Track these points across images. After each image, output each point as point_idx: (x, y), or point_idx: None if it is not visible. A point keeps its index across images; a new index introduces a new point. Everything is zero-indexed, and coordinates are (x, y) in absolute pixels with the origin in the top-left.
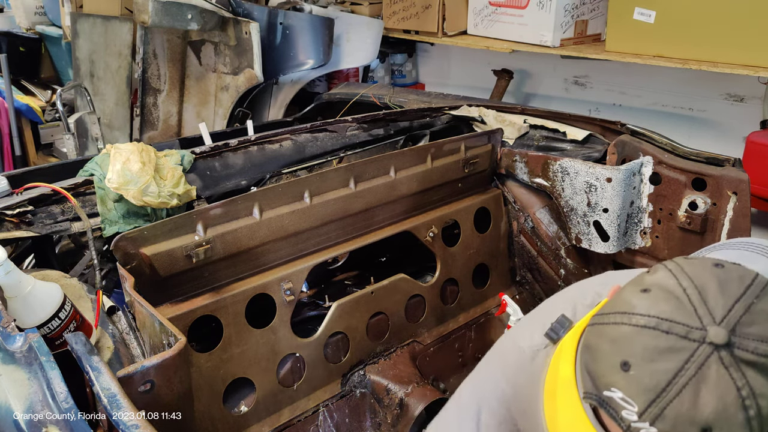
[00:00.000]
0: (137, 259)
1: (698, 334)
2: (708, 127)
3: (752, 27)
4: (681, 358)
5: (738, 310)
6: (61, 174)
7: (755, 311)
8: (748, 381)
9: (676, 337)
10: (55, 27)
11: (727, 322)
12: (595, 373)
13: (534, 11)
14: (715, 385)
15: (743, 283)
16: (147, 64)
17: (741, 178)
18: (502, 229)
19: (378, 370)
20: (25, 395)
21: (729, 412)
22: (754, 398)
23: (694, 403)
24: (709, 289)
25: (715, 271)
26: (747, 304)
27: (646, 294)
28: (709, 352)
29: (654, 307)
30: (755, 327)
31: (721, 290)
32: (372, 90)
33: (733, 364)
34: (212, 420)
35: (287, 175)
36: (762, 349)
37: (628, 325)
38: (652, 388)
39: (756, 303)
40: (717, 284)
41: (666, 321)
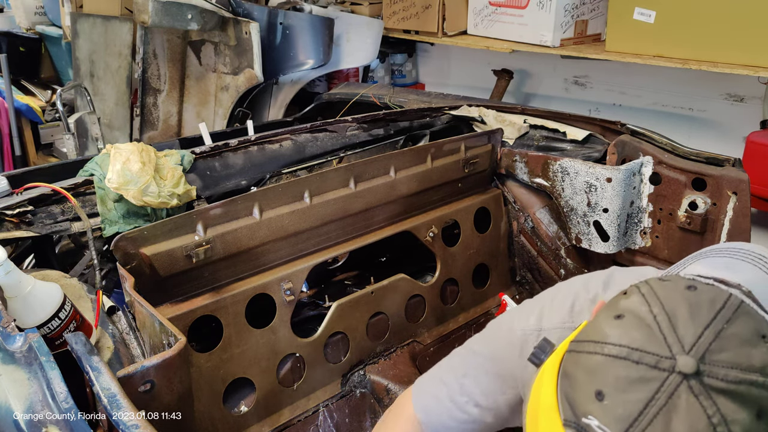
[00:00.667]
0: (137, 259)
1: (668, 363)
2: (708, 127)
3: (752, 27)
4: (651, 388)
5: (708, 336)
6: (61, 174)
7: (725, 337)
8: (719, 408)
9: (646, 367)
10: (55, 27)
11: (696, 350)
12: (573, 401)
13: (534, 11)
14: (686, 414)
15: (714, 307)
16: (147, 64)
17: (741, 178)
18: (502, 229)
19: (378, 370)
20: (25, 395)
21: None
22: (726, 425)
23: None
24: (680, 316)
25: (687, 294)
26: (717, 330)
27: (618, 321)
28: (678, 382)
29: (625, 336)
30: (725, 354)
31: (691, 316)
32: (372, 90)
33: (702, 392)
34: (212, 420)
35: (287, 175)
36: (732, 375)
37: (601, 355)
38: (625, 417)
39: (726, 328)
40: (687, 309)
41: (636, 351)
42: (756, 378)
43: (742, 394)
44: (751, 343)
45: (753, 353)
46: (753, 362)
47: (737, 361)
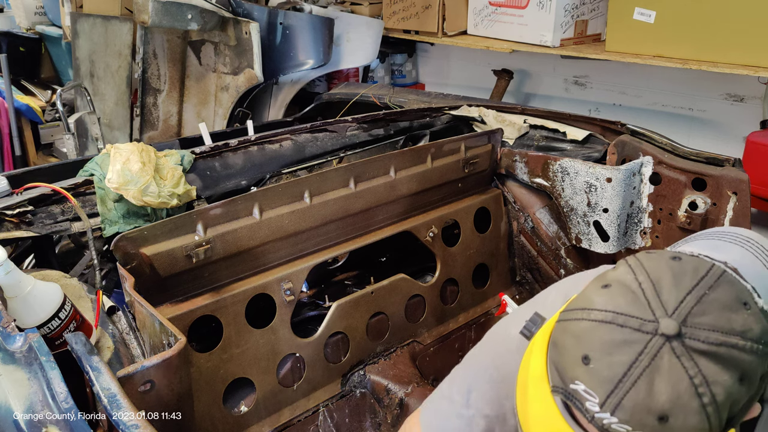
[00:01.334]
0: (137, 259)
1: (651, 326)
2: (708, 127)
3: (752, 27)
4: (635, 350)
5: (690, 301)
6: (61, 174)
7: (707, 301)
8: (701, 369)
9: (630, 330)
10: (55, 27)
11: (679, 313)
12: (561, 366)
13: (534, 11)
14: (668, 375)
15: (697, 274)
16: (147, 64)
17: (741, 178)
18: (502, 229)
19: (378, 370)
20: (25, 395)
21: (683, 399)
22: (707, 386)
23: (649, 392)
24: (664, 283)
25: (671, 264)
26: (699, 295)
27: (605, 290)
28: (661, 344)
29: (611, 303)
30: (706, 317)
31: (675, 283)
32: (372, 90)
33: (684, 353)
34: (212, 420)
35: (287, 175)
36: (713, 338)
37: (588, 321)
38: (609, 379)
39: (708, 293)
40: (671, 277)
41: (621, 315)
42: (736, 341)
43: (723, 356)
44: (732, 309)
45: (734, 317)
46: (734, 326)
47: (718, 324)
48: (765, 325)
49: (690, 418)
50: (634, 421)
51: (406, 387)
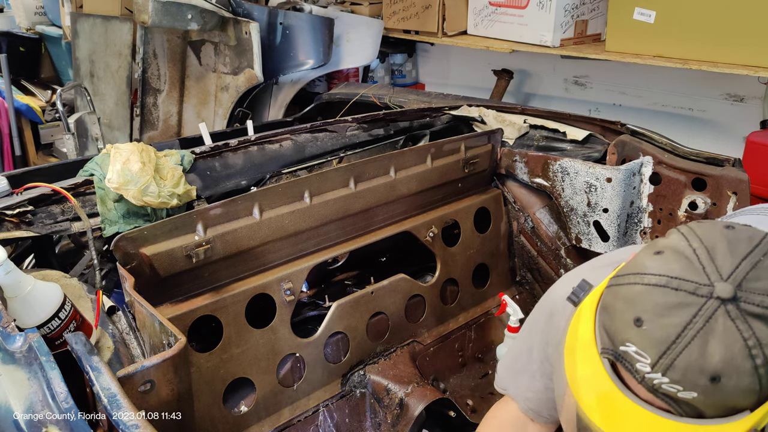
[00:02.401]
0: (137, 259)
1: (706, 290)
2: (708, 127)
3: (752, 27)
4: (690, 313)
5: (745, 266)
6: (61, 174)
7: (762, 267)
8: (755, 332)
9: (685, 293)
10: (55, 27)
11: (734, 278)
12: (611, 330)
13: (534, 11)
14: (722, 337)
15: (752, 242)
16: (147, 64)
17: (741, 178)
18: (502, 229)
19: (378, 370)
20: (25, 395)
21: (736, 361)
22: (760, 348)
23: (703, 353)
24: (718, 249)
25: (725, 232)
26: (754, 261)
27: (658, 256)
28: (716, 306)
29: (665, 267)
30: (762, 282)
31: (729, 249)
32: (372, 90)
33: (739, 316)
34: (212, 420)
35: (287, 175)
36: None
37: (641, 285)
38: (663, 341)
39: (763, 260)
40: (726, 244)
41: (676, 279)
42: None
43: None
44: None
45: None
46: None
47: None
48: None
49: (742, 379)
50: (685, 381)
51: (406, 387)
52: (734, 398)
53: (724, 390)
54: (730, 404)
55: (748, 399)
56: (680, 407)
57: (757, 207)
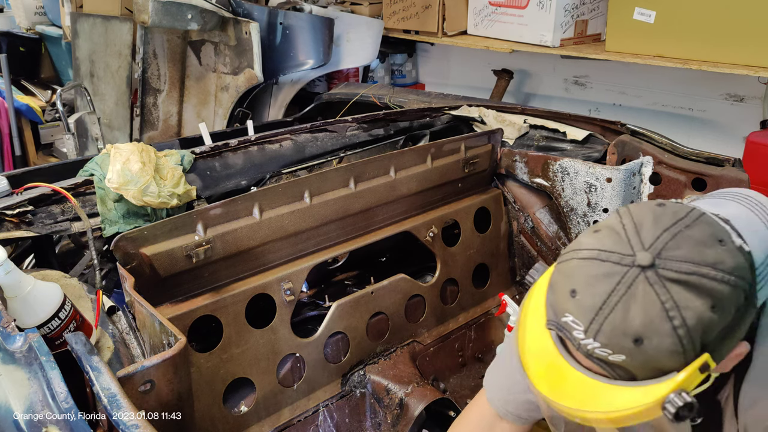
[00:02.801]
0: (137, 259)
1: (629, 259)
2: (708, 127)
3: (752, 27)
4: (614, 281)
5: (665, 237)
6: (61, 174)
7: (682, 237)
8: (672, 295)
9: (611, 263)
10: (55, 27)
11: (654, 247)
12: (553, 303)
13: (534, 11)
14: (642, 301)
15: (676, 216)
16: (147, 64)
17: (741, 178)
18: (502, 229)
19: (378, 370)
20: (25, 395)
21: (655, 323)
22: (678, 310)
23: (625, 317)
24: (645, 223)
25: (655, 208)
26: (675, 232)
27: (595, 233)
28: (636, 273)
29: (598, 242)
30: (680, 250)
31: (654, 223)
32: (372, 90)
33: (657, 281)
34: (212, 420)
35: (287, 175)
36: (685, 267)
37: (576, 259)
38: (591, 307)
39: (684, 231)
40: (652, 218)
41: (605, 252)
42: (707, 271)
43: (695, 284)
44: (706, 244)
45: (707, 251)
46: (706, 258)
47: (690, 256)
48: (739, 261)
49: (663, 340)
50: (612, 345)
51: (406, 387)
52: (660, 359)
53: (647, 351)
54: (657, 366)
55: (673, 360)
56: (614, 371)
57: (717, 191)
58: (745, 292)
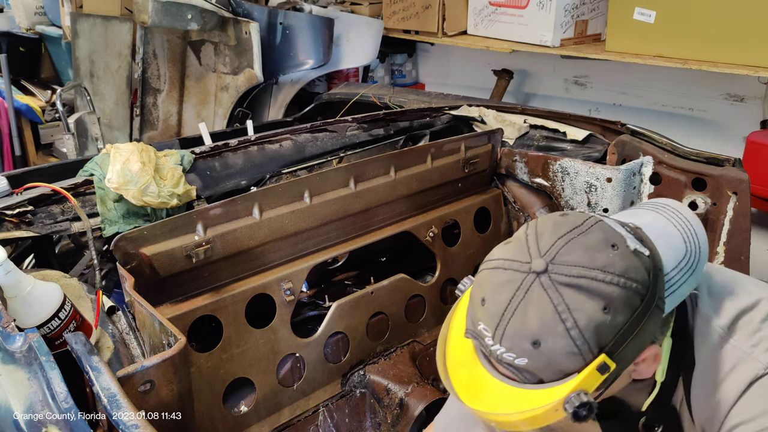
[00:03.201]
0: (137, 259)
1: (527, 266)
2: (708, 127)
3: (752, 27)
4: (514, 287)
5: (560, 243)
6: (61, 174)
7: (575, 243)
8: (564, 298)
9: (512, 271)
10: (55, 27)
11: (549, 253)
12: (470, 312)
13: (534, 11)
14: (537, 304)
15: (574, 224)
16: (147, 64)
17: (741, 178)
18: (502, 229)
19: (378, 370)
20: (25, 395)
21: (549, 325)
22: (569, 312)
23: (524, 321)
24: (545, 232)
25: (556, 218)
26: (569, 239)
27: (505, 245)
28: (532, 279)
29: (504, 252)
30: (572, 255)
31: (552, 231)
32: (372, 90)
33: (551, 286)
34: (212, 420)
35: (287, 175)
36: (575, 271)
37: (486, 269)
38: (496, 313)
39: (577, 237)
40: (552, 227)
41: (507, 260)
42: (596, 274)
43: (584, 286)
44: (598, 249)
45: (598, 255)
46: (596, 262)
47: (581, 260)
48: (632, 264)
49: (558, 341)
50: (515, 348)
51: (406, 387)
52: (559, 361)
53: (545, 353)
54: (559, 368)
55: (572, 361)
56: (523, 375)
57: (648, 201)
58: (640, 295)
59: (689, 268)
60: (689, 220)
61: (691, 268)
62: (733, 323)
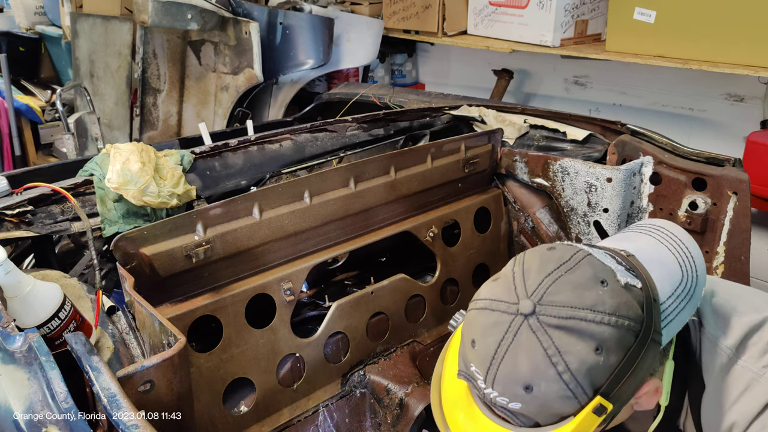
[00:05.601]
0: (137, 259)
1: (514, 307)
2: (708, 127)
3: (752, 27)
4: (503, 330)
5: (546, 282)
6: (61, 174)
7: (562, 282)
8: (554, 341)
9: (499, 312)
10: (55, 27)
11: (536, 294)
12: (461, 353)
13: (534, 11)
14: (527, 348)
15: (560, 260)
16: (147, 64)
17: (741, 178)
18: (502, 229)
19: (378, 370)
20: (25, 395)
21: (540, 369)
22: (560, 355)
23: (514, 365)
24: (532, 269)
25: (544, 253)
26: (556, 277)
27: (493, 282)
28: (520, 322)
29: (490, 292)
30: (560, 295)
31: (539, 269)
32: (372, 90)
33: (540, 328)
34: (212, 420)
35: (287, 175)
36: (563, 312)
37: (474, 309)
38: (486, 357)
39: (564, 275)
40: (539, 264)
41: (495, 301)
42: (585, 314)
43: (573, 328)
44: (586, 287)
45: (586, 294)
46: (585, 301)
47: (569, 300)
48: (622, 300)
49: (550, 386)
50: (507, 393)
51: (406, 387)
52: (553, 405)
53: (538, 398)
54: (554, 412)
55: (567, 405)
56: (518, 418)
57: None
58: (634, 332)
59: (686, 295)
60: (684, 243)
61: (689, 294)
62: (742, 343)
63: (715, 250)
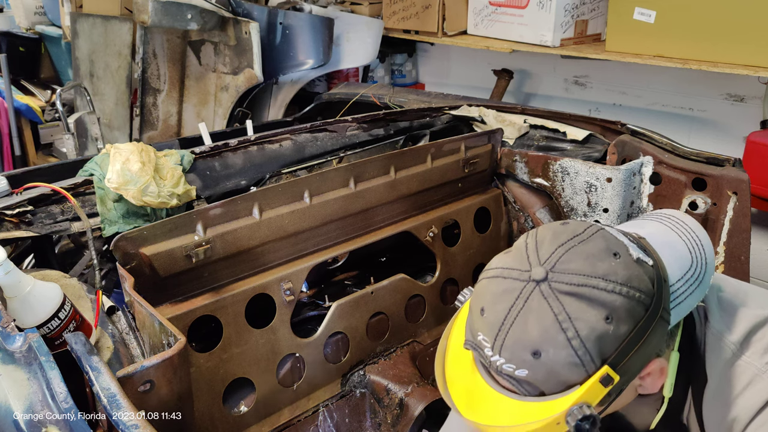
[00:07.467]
0: (137, 259)
1: (526, 275)
2: (708, 127)
3: (752, 27)
4: (513, 296)
5: (559, 252)
6: (61, 174)
7: (575, 252)
8: (565, 307)
9: (511, 280)
10: (54, 27)
11: (549, 262)
12: (469, 323)
13: (534, 11)
14: (537, 314)
15: (574, 233)
16: (147, 64)
17: (741, 178)
18: (502, 229)
19: (378, 370)
20: (25, 395)
21: (549, 334)
22: (570, 321)
23: (524, 330)
24: (545, 241)
25: (557, 227)
26: (569, 247)
27: (504, 254)
28: (532, 288)
29: (503, 261)
30: (573, 264)
31: (552, 240)
32: (372, 90)
33: (551, 295)
34: (212, 420)
35: (287, 175)
36: (576, 280)
37: (485, 279)
38: (495, 323)
39: (578, 246)
40: (552, 236)
41: (506, 269)
42: (597, 282)
43: (585, 295)
44: (598, 257)
45: (599, 264)
46: (597, 270)
47: (582, 269)
48: (634, 272)
49: (559, 352)
50: (515, 359)
51: (406, 387)
52: (560, 372)
53: (546, 364)
54: (561, 379)
55: (574, 373)
56: (523, 387)
57: (653, 212)
58: (644, 305)
59: (695, 280)
60: (694, 231)
61: (698, 279)
62: (746, 339)
63: (715, 250)
